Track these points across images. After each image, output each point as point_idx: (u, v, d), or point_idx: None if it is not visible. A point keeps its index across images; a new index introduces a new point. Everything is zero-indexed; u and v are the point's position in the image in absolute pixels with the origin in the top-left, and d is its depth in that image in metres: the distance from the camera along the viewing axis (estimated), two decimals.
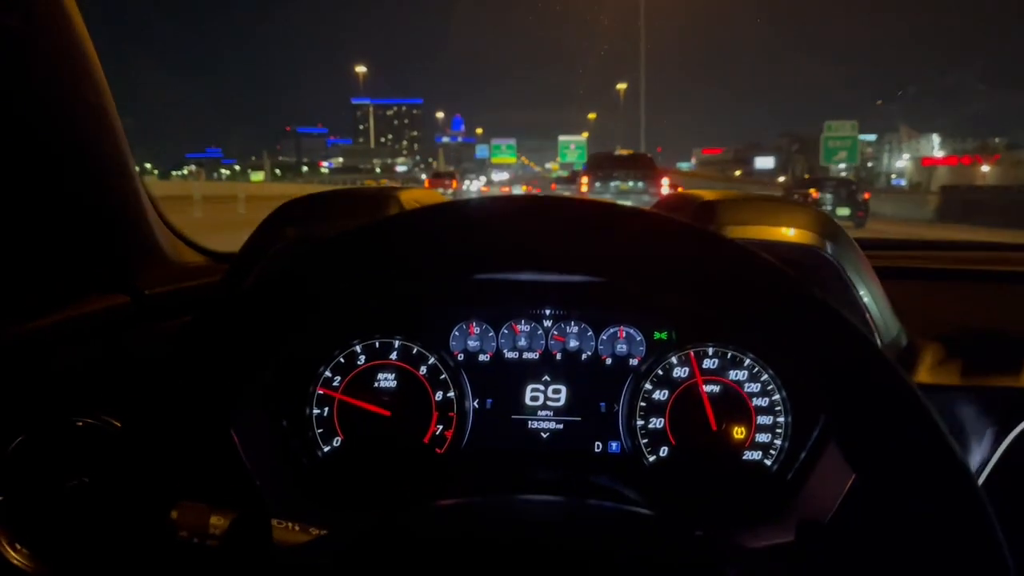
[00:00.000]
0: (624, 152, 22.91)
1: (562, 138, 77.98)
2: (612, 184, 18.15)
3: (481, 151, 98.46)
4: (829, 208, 18.34)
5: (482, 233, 0.43)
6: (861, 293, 0.81)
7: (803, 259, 0.80)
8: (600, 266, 0.42)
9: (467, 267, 0.43)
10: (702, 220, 0.83)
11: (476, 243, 0.43)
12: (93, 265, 0.96)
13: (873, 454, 0.39)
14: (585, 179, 18.80)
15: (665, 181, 18.80)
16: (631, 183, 18.03)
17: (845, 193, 18.52)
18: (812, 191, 18.46)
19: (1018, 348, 0.86)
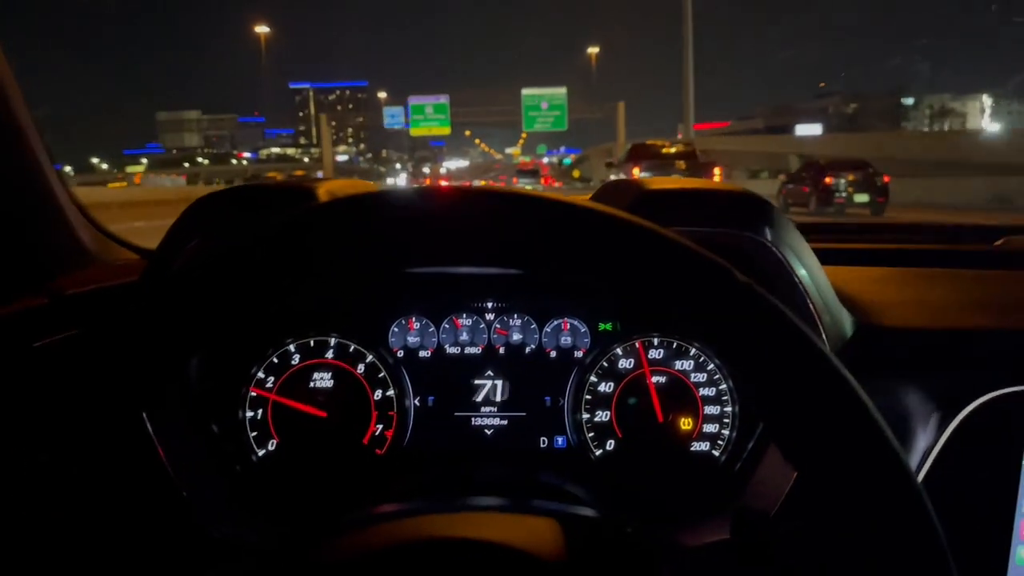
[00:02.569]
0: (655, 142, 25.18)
1: (528, 92, 58.07)
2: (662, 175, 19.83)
3: (392, 116, 63.55)
4: (844, 195, 18.74)
5: (391, 226, 0.48)
6: (801, 277, 0.91)
7: (742, 245, 0.91)
8: (518, 261, 0.48)
9: (376, 262, 0.49)
10: (640, 209, 0.93)
11: (383, 237, 0.48)
12: (5, 269, 1.04)
13: (810, 454, 0.43)
14: (636, 169, 20.10)
15: (717, 171, 20.36)
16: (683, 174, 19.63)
17: (862, 177, 18.55)
18: (827, 177, 18.72)
19: (966, 333, 0.97)
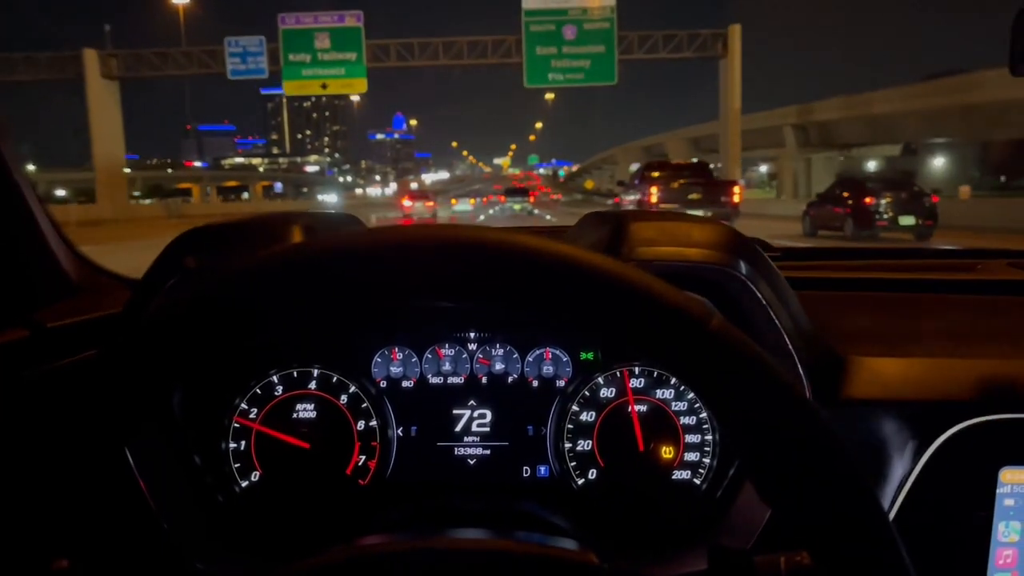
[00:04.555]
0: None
1: (533, 5, 32.87)
2: (681, 195, 20.73)
3: (242, 58, 32.62)
4: (886, 218, 17.80)
5: (360, 267, 0.54)
6: (777, 312, 1.01)
7: (716, 279, 1.01)
8: (476, 297, 0.53)
9: (355, 300, 0.55)
10: (613, 241, 1.05)
11: (357, 277, 0.54)
12: None
13: (784, 495, 0.48)
14: (653, 189, 20.92)
15: (737, 189, 21.14)
16: (702, 193, 20.67)
17: (907, 196, 18.14)
18: (867, 197, 18.11)
19: (942, 363, 1.06)
